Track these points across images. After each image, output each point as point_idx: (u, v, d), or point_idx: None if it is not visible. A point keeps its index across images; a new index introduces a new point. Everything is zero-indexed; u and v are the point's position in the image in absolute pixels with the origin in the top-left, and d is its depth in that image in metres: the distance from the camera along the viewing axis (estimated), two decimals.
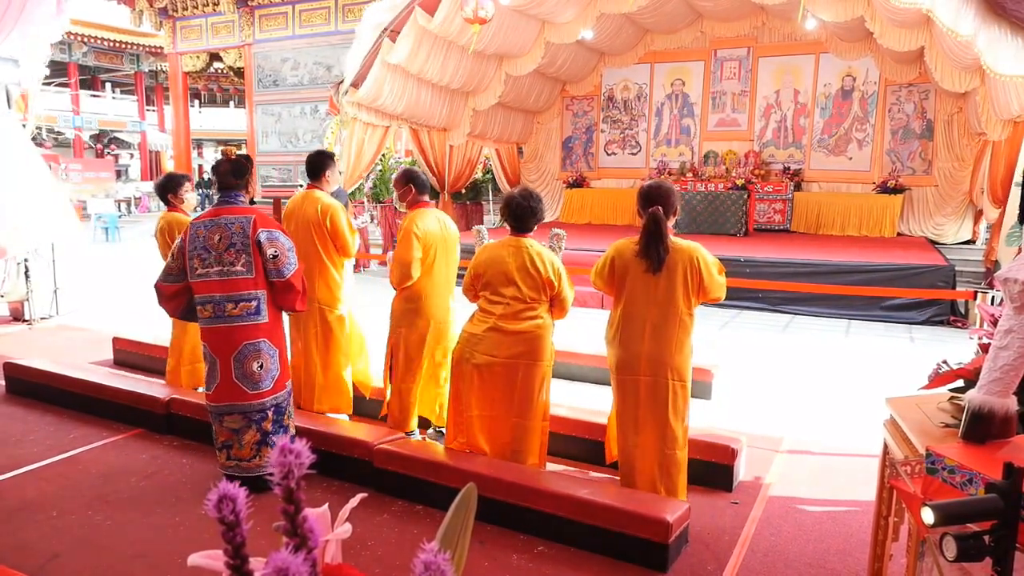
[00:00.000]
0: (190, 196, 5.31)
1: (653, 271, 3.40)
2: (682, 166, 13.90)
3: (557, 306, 3.79)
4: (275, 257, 3.70)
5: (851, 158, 12.86)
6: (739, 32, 13.00)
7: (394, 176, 4.49)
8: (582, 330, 6.14)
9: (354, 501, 0.82)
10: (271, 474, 0.66)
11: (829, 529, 3.54)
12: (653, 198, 3.45)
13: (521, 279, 3.66)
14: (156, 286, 3.90)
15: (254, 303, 3.73)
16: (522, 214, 3.73)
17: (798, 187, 13.06)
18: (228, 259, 3.67)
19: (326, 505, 0.82)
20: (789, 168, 13.20)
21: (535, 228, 3.80)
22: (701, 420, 4.81)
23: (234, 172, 3.84)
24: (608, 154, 14.87)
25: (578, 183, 14.89)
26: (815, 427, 4.97)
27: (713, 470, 3.98)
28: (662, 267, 3.40)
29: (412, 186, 4.40)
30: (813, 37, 12.26)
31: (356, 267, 7.74)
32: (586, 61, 13.97)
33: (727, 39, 13.30)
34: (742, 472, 4.14)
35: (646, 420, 3.49)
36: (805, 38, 12.41)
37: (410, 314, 4.33)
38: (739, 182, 12.78)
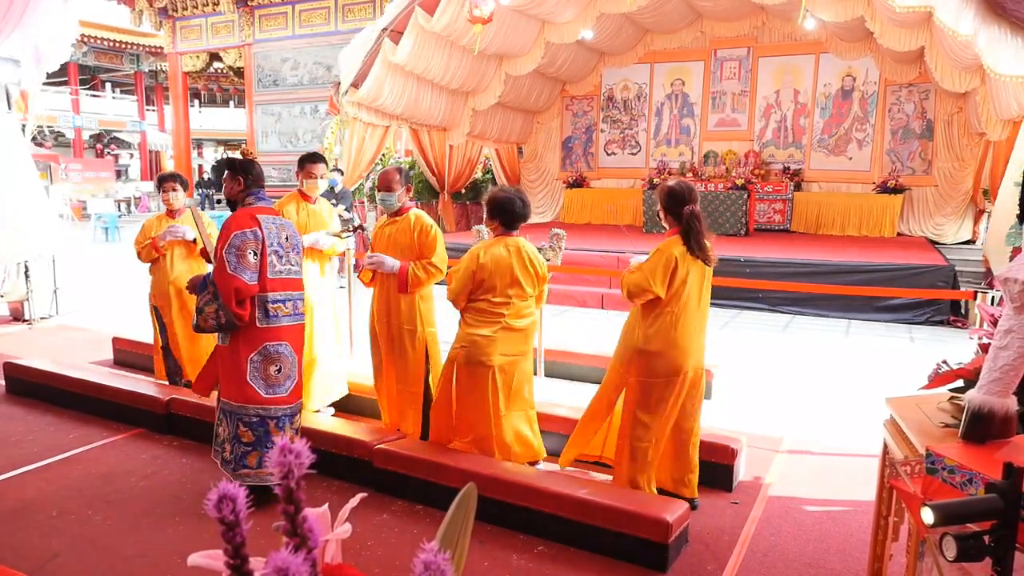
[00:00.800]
0: (173, 195, 5.26)
1: (708, 267, 3.61)
2: (682, 166, 13.90)
3: (541, 297, 3.99)
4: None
5: (851, 158, 12.87)
6: (739, 32, 13.01)
7: (385, 172, 4.35)
8: (580, 330, 6.15)
9: (354, 501, 0.82)
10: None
11: (829, 529, 3.54)
12: (686, 198, 3.54)
13: (524, 277, 3.78)
14: (240, 287, 3.44)
15: None
16: (522, 213, 3.85)
17: (798, 187, 13.07)
18: (294, 259, 3.76)
19: (326, 505, 0.82)
20: (789, 168, 13.21)
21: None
22: (701, 420, 4.81)
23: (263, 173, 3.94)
24: (608, 154, 14.87)
25: (578, 183, 14.89)
26: (815, 427, 4.97)
27: (713, 470, 3.98)
28: (711, 264, 3.59)
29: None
30: (813, 37, 12.27)
31: (356, 266, 7.71)
32: (586, 61, 13.97)
33: (727, 39, 13.31)
34: (742, 472, 4.14)
35: (686, 417, 3.65)
36: (805, 38, 12.42)
37: (432, 313, 4.39)
38: (739, 182, 12.78)
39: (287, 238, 3.73)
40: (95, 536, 3.43)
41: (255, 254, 3.50)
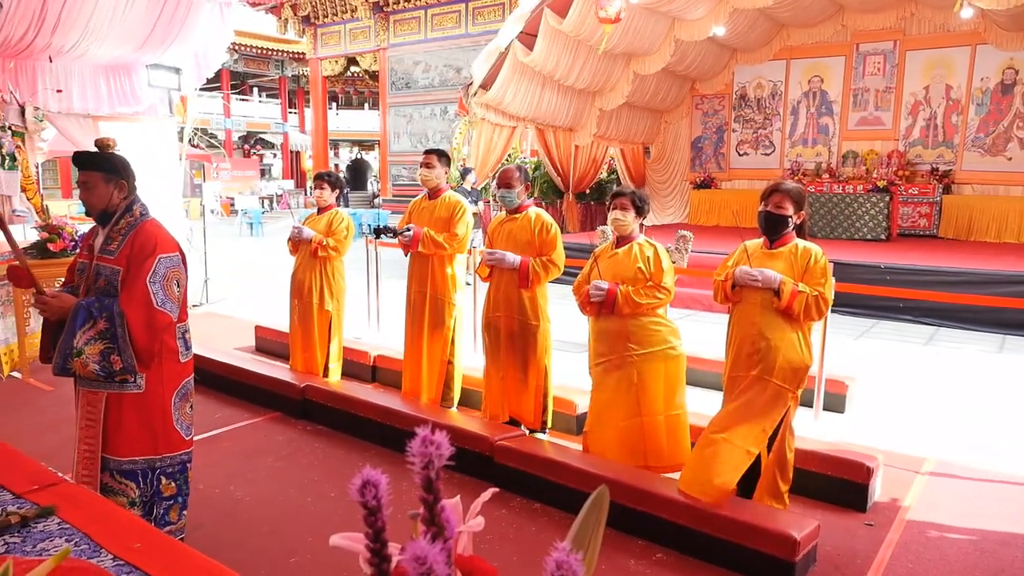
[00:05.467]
0: (319, 194, 5.39)
1: None
2: (817, 167, 13.26)
3: None
4: None
5: (1011, 158, 11.81)
6: (884, 24, 12.22)
7: (505, 170, 4.40)
8: (707, 334, 6.00)
9: (486, 495, 0.83)
10: None
11: (977, 562, 3.26)
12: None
13: None
14: (168, 325, 2.91)
15: None
16: None
17: (947, 189, 12.15)
18: None
19: (458, 497, 0.84)
20: (938, 169, 12.29)
21: None
22: (834, 434, 4.57)
23: None
24: (740, 154, 14.40)
25: (705, 184, 14.53)
26: (963, 449, 4.59)
27: (845, 488, 3.77)
28: None
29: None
30: (969, 28, 11.34)
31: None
32: (717, 58, 13.58)
33: (871, 32, 12.53)
34: (877, 492, 3.89)
35: None
36: (959, 29, 11.51)
37: (547, 308, 4.45)
38: (881, 184, 12.04)
39: None
40: (236, 511, 3.67)
41: (179, 285, 2.88)
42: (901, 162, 12.44)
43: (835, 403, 5.14)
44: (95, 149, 2.92)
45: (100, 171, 2.83)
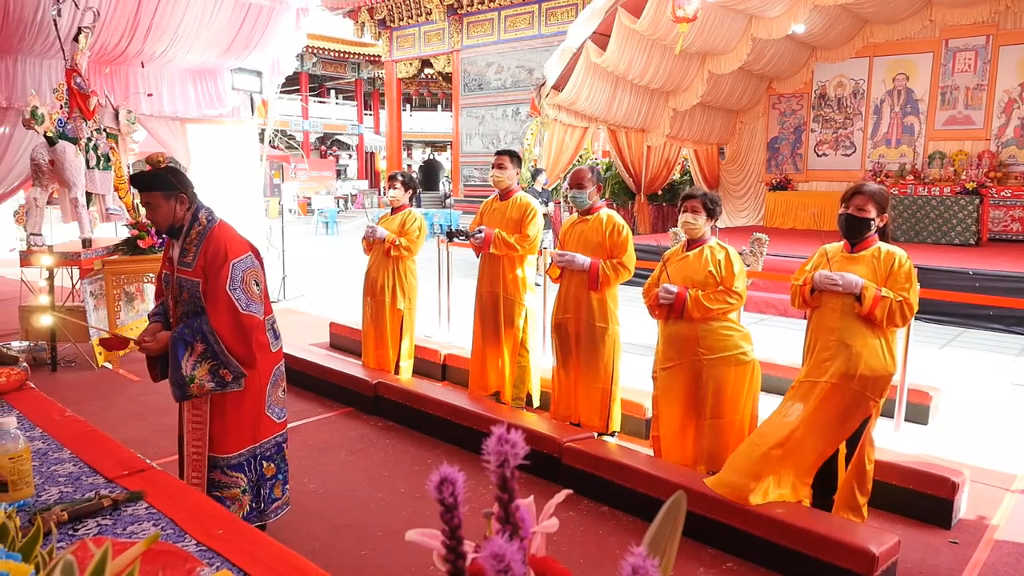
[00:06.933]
0: (392, 193, 5.46)
1: None
2: (901, 168, 12.74)
3: None
4: None
5: None
6: (976, 19, 11.63)
7: (577, 170, 4.39)
8: (782, 340, 5.84)
9: (560, 496, 0.83)
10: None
11: None
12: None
13: None
14: (257, 326, 3.00)
15: None
16: None
17: None
18: None
19: (531, 497, 0.84)
20: None
21: None
22: (916, 447, 4.39)
23: None
24: (818, 155, 13.96)
25: (781, 186, 14.14)
26: None
27: (927, 503, 3.61)
28: None
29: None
30: None
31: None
32: (796, 56, 13.20)
33: (961, 27, 11.95)
34: (963, 509, 3.71)
35: None
36: None
37: (617, 310, 4.42)
38: (970, 186, 11.48)
39: None
40: (309, 503, 3.77)
41: (258, 283, 2.93)
42: (993, 163, 11.83)
43: (918, 414, 4.94)
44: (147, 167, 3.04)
45: (159, 190, 2.84)
